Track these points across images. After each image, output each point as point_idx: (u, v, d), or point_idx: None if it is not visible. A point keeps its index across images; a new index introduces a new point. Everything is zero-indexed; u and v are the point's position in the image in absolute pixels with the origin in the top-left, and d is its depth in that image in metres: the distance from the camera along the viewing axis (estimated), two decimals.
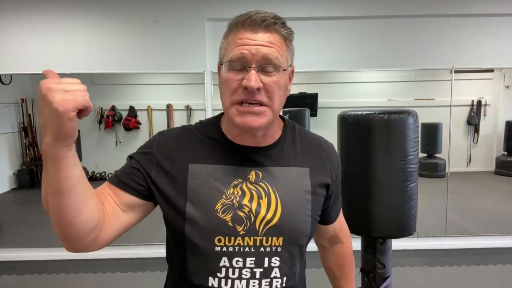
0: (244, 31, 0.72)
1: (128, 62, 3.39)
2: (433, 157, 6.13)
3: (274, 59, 0.72)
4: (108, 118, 6.17)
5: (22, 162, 5.88)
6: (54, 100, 0.56)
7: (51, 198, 0.64)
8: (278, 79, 0.73)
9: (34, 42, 3.31)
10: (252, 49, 0.70)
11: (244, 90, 0.71)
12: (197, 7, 3.35)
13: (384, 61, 3.48)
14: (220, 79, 0.77)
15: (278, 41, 0.73)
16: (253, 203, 0.76)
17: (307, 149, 0.86)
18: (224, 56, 0.75)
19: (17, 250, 3.43)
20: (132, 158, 0.81)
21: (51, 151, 0.59)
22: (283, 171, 0.80)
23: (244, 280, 0.76)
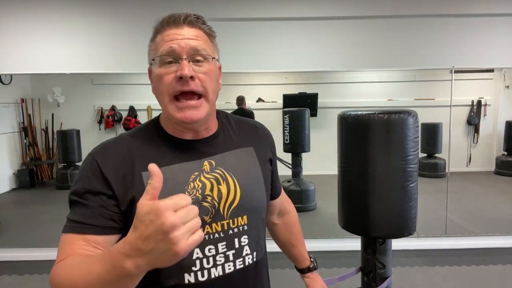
0: (169, 28, 0.77)
1: (128, 62, 3.39)
2: (433, 157, 6.13)
3: (202, 50, 0.76)
4: (108, 118, 6.17)
5: (22, 162, 5.88)
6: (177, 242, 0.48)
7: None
8: (209, 67, 0.77)
9: (34, 42, 3.31)
10: (181, 43, 0.75)
11: (179, 81, 0.74)
12: (197, 7, 3.34)
13: (384, 61, 3.48)
14: (153, 78, 0.79)
15: (202, 36, 0.78)
16: (214, 190, 0.79)
17: (246, 131, 0.92)
18: (153, 56, 0.78)
19: (17, 250, 3.43)
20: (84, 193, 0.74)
21: (135, 273, 0.52)
22: (232, 155, 0.85)
23: (219, 266, 0.78)
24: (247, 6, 3.38)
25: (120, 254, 0.52)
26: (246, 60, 3.42)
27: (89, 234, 0.71)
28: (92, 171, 0.76)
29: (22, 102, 5.76)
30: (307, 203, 4.43)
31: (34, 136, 5.94)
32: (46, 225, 4.22)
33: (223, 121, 0.91)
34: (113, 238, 0.73)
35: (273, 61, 3.44)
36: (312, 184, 4.53)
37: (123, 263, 0.51)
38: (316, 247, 3.37)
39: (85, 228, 0.71)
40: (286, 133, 4.61)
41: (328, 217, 4.15)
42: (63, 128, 6.01)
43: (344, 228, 1.52)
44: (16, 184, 5.73)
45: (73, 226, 0.73)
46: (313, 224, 4.13)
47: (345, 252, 3.29)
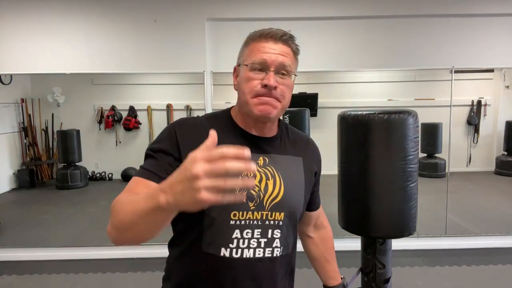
0: (266, 41, 0.89)
1: (128, 62, 3.39)
2: (433, 157, 6.13)
3: (288, 66, 0.89)
4: (108, 118, 6.17)
5: (22, 162, 5.88)
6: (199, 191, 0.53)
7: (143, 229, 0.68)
8: (289, 82, 0.91)
9: (34, 42, 3.31)
10: (272, 56, 0.88)
11: (263, 88, 0.88)
12: (197, 7, 3.35)
13: (384, 61, 3.48)
14: (240, 78, 0.93)
15: (290, 53, 0.91)
16: (262, 183, 0.90)
17: (299, 143, 1.04)
18: (246, 60, 0.91)
19: (17, 250, 3.43)
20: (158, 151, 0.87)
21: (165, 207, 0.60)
22: (283, 158, 0.97)
23: (252, 249, 0.89)
24: (247, 6, 3.38)
25: (159, 189, 0.61)
26: None
27: (152, 181, 0.83)
28: (169, 136, 0.89)
29: (22, 102, 5.76)
30: None
31: (34, 136, 5.94)
32: (46, 225, 4.22)
33: (283, 129, 1.03)
34: None
35: None
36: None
37: (158, 196, 0.60)
38: None
39: (151, 176, 0.83)
40: None
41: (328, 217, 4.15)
42: (63, 128, 6.01)
43: (344, 228, 1.51)
44: (16, 184, 5.73)
45: (143, 172, 0.85)
46: None
47: (345, 252, 3.29)
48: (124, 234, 0.72)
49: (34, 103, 5.88)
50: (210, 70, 3.37)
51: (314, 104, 6.04)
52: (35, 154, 5.98)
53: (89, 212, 4.63)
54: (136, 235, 0.71)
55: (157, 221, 0.65)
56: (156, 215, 0.63)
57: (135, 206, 0.67)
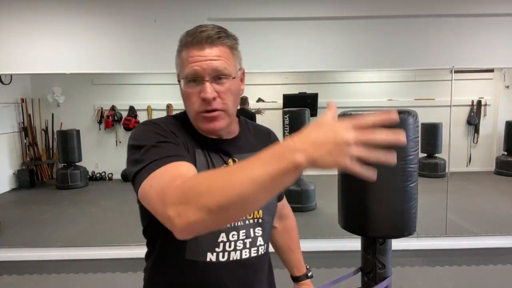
0: (193, 48, 0.81)
1: (128, 62, 3.39)
2: (433, 157, 6.13)
3: (223, 70, 0.82)
4: (108, 118, 6.17)
5: (22, 162, 5.88)
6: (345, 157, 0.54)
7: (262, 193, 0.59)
8: (230, 86, 0.84)
9: (34, 42, 3.31)
10: (203, 65, 0.80)
11: (203, 101, 0.82)
12: (197, 7, 3.34)
13: (384, 61, 3.47)
14: (182, 93, 0.87)
15: (224, 53, 0.83)
16: None
17: (261, 137, 1.02)
18: (180, 73, 0.85)
19: (17, 250, 3.43)
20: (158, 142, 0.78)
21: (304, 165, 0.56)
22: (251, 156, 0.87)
23: (238, 251, 0.87)
24: (247, 6, 3.38)
25: (291, 151, 0.56)
26: (246, 60, 3.38)
27: (186, 161, 0.74)
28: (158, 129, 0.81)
29: (22, 102, 5.76)
30: (307, 203, 4.43)
31: (34, 136, 5.94)
32: (46, 225, 4.22)
33: (244, 126, 1.00)
34: None
35: (273, 61, 3.44)
36: (312, 184, 4.53)
37: (292, 155, 0.55)
38: (316, 247, 3.37)
39: (175, 158, 0.73)
40: (286, 133, 4.61)
41: (328, 217, 4.15)
42: (63, 128, 6.01)
43: (344, 228, 1.51)
44: (16, 184, 5.73)
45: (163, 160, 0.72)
46: (313, 224, 4.13)
47: (345, 252, 3.29)
48: (229, 212, 0.60)
49: (34, 103, 5.88)
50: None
51: (314, 104, 6.03)
52: (35, 154, 5.99)
53: (89, 212, 4.63)
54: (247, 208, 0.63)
55: (285, 183, 0.59)
56: (289, 176, 0.57)
57: (249, 174, 0.58)
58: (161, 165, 0.71)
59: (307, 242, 3.44)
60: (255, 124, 1.07)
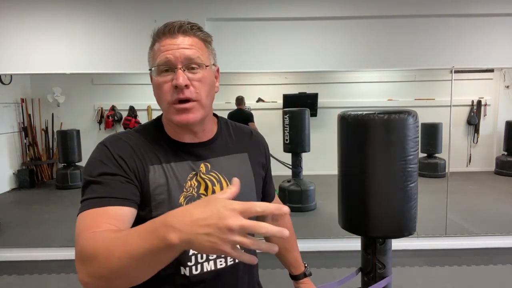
0: (165, 38, 0.81)
1: (128, 62, 3.39)
2: (433, 157, 6.13)
3: (196, 58, 0.81)
4: (108, 118, 6.17)
5: (22, 162, 5.88)
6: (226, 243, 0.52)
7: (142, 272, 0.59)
8: (203, 75, 0.82)
9: (34, 42, 3.31)
10: (176, 53, 0.79)
11: (175, 89, 0.80)
12: (197, 7, 3.35)
13: (384, 61, 3.47)
14: (153, 84, 0.85)
15: (197, 43, 0.83)
16: (208, 191, 0.87)
17: (242, 138, 0.99)
18: (152, 64, 0.84)
19: (17, 250, 3.43)
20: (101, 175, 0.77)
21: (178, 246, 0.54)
22: (227, 159, 0.92)
23: (212, 261, 0.85)
24: (247, 6, 3.38)
25: (163, 225, 0.54)
26: (246, 60, 3.42)
27: (112, 205, 0.72)
28: (106, 156, 0.80)
29: (22, 102, 5.76)
30: (307, 203, 4.43)
31: (34, 136, 5.94)
32: (46, 225, 4.22)
33: (222, 127, 0.97)
34: (133, 212, 0.76)
35: (273, 61, 3.44)
36: (312, 184, 4.53)
37: (167, 234, 0.53)
38: (316, 247, 3.37)
39: (109, 200, 0.73)
40: (286, 133, 4.61)
41: (328, 217, 4.15)
42: (63, 128, 6.01)
43: (344, 228, 1.51)
44: (16, 184, 5.73)
45: (95, 201, 0.73)
46: (313, 224, 4.13)
47: (345, 252, 3.29)
48: (114, 282, 0.60)
49: (34, 103, 5.87)
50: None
51: (314, 104, 6.04)
52: (35, 154, 5.98)
53: None
54: (131, 281, 0.60)
55: (162, 260, 0.57)
56: (163, 255, 0.56)
57: (126, 249, 0.57)
58: (87, 208, 0.72)
59: (307, 242, 3.44)
60: (238, 125, 1.03)
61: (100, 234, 0.65)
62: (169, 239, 0.53)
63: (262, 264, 1.04)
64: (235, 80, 5.50)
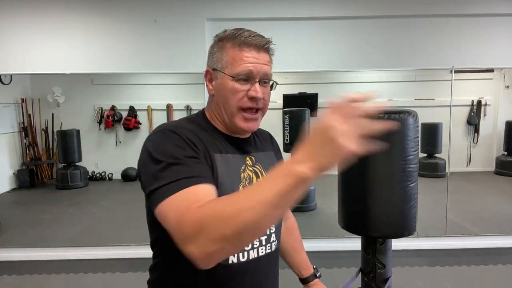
0: (250, 49, 0.87)
1: (128, 62, 3.39)
2: (433, 157, 6.13)
3: (270, 75, 0.92)
4: (108, 118, 6.17)
5: (22, 162, 5.88)
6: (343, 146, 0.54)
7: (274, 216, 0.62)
8: (269, 89, 0.94)
9: (34, 42, 3.31)
10: (257, 67, 0.88)
11: (250, 99, 0.88)
12: (197, 7, 3.34)
13: (384, 61, 3.47)
14: (223, 87, 0.89)
15: (270, 60, 0.93)
16: (253, 182, 0.94)
17: (264, 138, 1.09)
18: (228, 68, 0.88)
19: (17, 250, 3.43)
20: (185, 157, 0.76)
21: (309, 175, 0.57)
22: (263, 155, 1.01)
23: (255, 249, 0.91)
24: (247, 6, 3.38)
25: (291, 165, 0.57)
26: None
27: (204, 183, 0.72)
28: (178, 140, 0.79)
29: (22, 102, 5.76)
30: (307, 203, 4.43)
31: (34, 136, 5.94)
32: (46, 225, 4.22)
33: None
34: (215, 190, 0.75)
35: (273, 61, 3.44)
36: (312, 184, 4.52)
37: (295, 170, 0.56)
38: (316, 247, 3.37)
39: (200, 179, 0.72)
40: (286, 133, 4.61)
41: (328, 217, 4.15)
42: (63, 128, 6.01)
43: (344, 228, 1.51)
44: (16, 184, 5.73)
45: (184, 181, 0.70)
46: (313, 224, 4.13)
47: (345, 252, 3.30)
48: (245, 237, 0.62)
49: (34, 103, 5.87)
50: None
51: (314, 104, 6.03)
52: (35, 154, 5.98)
53: (89, 212, 4.62)
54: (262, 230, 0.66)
55: (295, 198, 0.60)
56: (297, 191, 0.58)
57: (258, 198, 0.59)
58: (179, 189, 0.69)
59: (307, 242, 3.42)
60: None
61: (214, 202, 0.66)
62: (302, 172, 0.56)
63: None
64: None
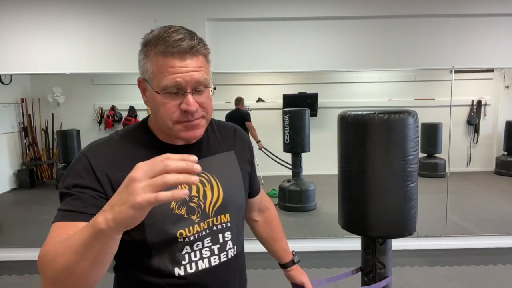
0: (173, 58, 0.77)
1: (128, 62, 3.38)
2: (433, 157, 6.13)
3: (204, 81, 0.80)
4: (108, 118, 6.16)
5: (22, 162, 5.88)
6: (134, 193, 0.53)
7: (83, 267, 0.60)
8: (207, 94, 0.83)
9: (34, 42, 3.31)
10: (186, 76, 0.77)
11: (184, 113, 0.79)
12: (197, 7, 3.34)
13: (384, 61, 3.48)
14: (152, 99, 0.82)
15: (203, 63, 0.81)
16: (200, 192, 0.88)
17: (226, 136, 1.00)
18: (154, 81, 0.80)
19: (17, 250, 3.43)
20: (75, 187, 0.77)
21: (104, 227, 0.55)
22: (214, 159, 0.94)
23: (206, 258, 0.87)
24: (247, 6, 3.38)
25: (96, 217, 0.57)
26: (246, 60, 3.42)
27: (81, 221, 0.72)
28: (84, 168, 0.79)
29: (22, 102, 5.75)
30: (307, 203, 4.43)
31: (34, 136, 5.94)
32: (46, 225, 4.17)
33: (208, 128, 0.95)
34: None
35: (273, 61, 3.44)
36: (312, 184, 4.53)
37: (96, 219, 0.56)
38: (316, 247, 3.37)
39: (78, 216, 0.73)
40: (286, 133, 4.61)
41: (328, 217, 4.15)
42: (63, 128, 6.01)
43: (344, 228, 1.52)
44: (16, 184, 5.73)
45: (66, 214, 0.75)
46: (313, 224, 4.13)
47: (345, 252, 3.29)
48: (64, 283, 0.61)
49: (34, 103, 5.87)
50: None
51: (314, 104, 6.04)
52: (35, 154, 5.98)
53: None
54: (78, 279, 0.60)
55: (98, 252, 0.57)
56: (96, 243, 0.56)
57: (70, 243, 0.60)
58: (58, 219, 0.75)
59: (307, 242, 3.44)
60: (221, 122, 1.04)
61: (56, 239, 0.69)
62: (97, 223, 0.55)
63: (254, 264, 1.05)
64: (235, 80, 5.50)
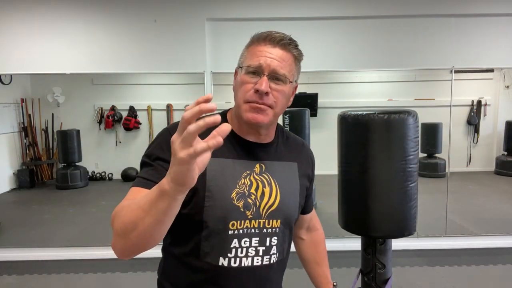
0: (265, 44, 0.87)
1: (128, 62, 3.39)
2: (433, 157, 6.13)
3: (282, 73, 0.86)
4: (108, 118, 6.17)
5: (22, 162, 5.88)
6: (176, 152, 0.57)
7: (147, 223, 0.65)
8: (283, 88, 0.87)
9: (34, 42, 3.31)
10: (268, 60, 0.85)
11: (255, 93, 0.85)
12: (197, 7, 3.34)
13: (384, 61, 3.47)
14: (236, 80, 0.91)
15: (289, 59, 0.88)
16: (259, 191, 0.90)
17: (293, 147, 1.03)
18: (244, 62, 0.89)
19: (17, 250, 3.43)
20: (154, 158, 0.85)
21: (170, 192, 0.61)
22: (279, 165, 0.97)
23: (250, 257, 0.89)
24: (247, 6, 3.38)
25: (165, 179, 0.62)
26: None
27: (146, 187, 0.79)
28: (165, 141, 0.83)
29: (22, 102, 5.76)
30: None
31: (34, 136, 5.94)
32: (46, 225, 4.22)
33: (279, 134, 1.01)
34: None
35: None
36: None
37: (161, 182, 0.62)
38: None
39: (149, 184, 0.80)
40: None
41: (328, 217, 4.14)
42: (63, 128, 6.01)
43: (344, 228, 1.52)
44: (16, 184, 5.73)
45: (142, 181, 0.82)
46: None
47: (345, 252, 3.29)
48: (129, 236, 0.68)
49: (34, 103, 5.87)
50: (210, 70, 3.37)
51: (314, 104, 6.04)
52: (35, 154, 5.98)
53: (89, 212, 4.62)
54: (141, 234, 0.67)
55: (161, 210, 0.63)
56: (160, 203, 0.62)
57: (139, 202, 0.67)
58: (137, 185, 0.82)
59: None
60: (291, 134, 1.08)
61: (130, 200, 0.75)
62: (162, 185, 0.61)
63: None
64: None
